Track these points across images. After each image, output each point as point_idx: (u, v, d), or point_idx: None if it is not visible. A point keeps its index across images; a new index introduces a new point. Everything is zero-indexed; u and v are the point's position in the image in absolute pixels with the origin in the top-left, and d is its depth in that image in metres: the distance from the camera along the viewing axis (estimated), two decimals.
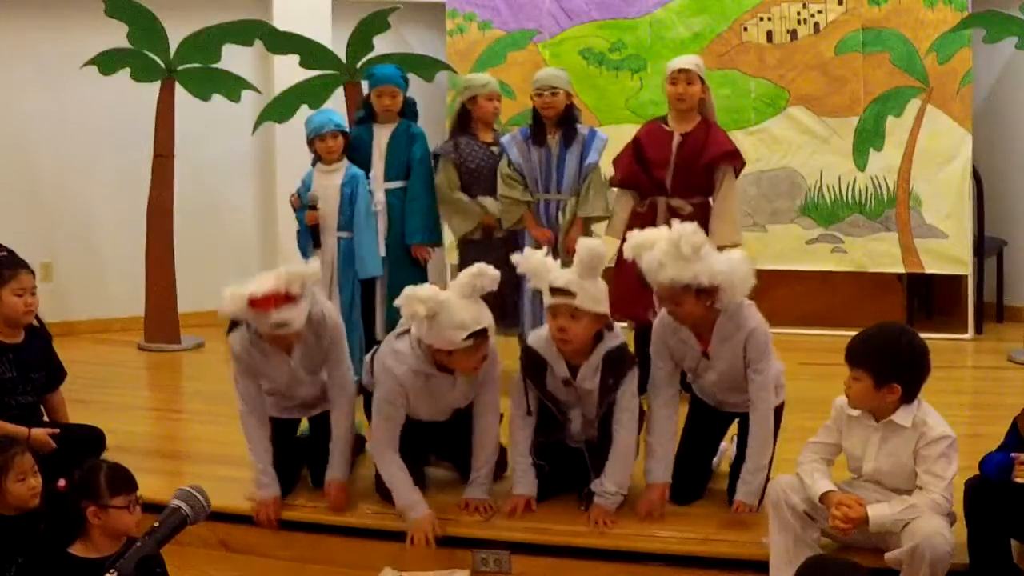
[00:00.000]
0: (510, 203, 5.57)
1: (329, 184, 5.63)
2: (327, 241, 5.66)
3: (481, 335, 3.79)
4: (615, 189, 5.56)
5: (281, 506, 4.13)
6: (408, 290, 3.74)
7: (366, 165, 5.73)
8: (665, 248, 3.70)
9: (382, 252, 5.70)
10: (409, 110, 5.84)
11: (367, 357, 4.29)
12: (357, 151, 5.74)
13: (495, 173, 5.62)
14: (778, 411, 4.01)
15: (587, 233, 5.49)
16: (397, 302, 3.76)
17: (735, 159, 5.36)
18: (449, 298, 3.76)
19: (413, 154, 5.73)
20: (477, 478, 4.11)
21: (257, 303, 3.72)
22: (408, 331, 3.94)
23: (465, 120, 5.76)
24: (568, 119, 5.54)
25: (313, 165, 5.72)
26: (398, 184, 5.74)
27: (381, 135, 5.78)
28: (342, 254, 5.66)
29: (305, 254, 5.71)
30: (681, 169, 5.29)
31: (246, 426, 4.13)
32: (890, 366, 3.37)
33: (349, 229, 5.64)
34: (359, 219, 5.62)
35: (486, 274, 3.79)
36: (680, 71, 5.27)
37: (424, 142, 5.80)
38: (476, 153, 5.70)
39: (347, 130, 5.71)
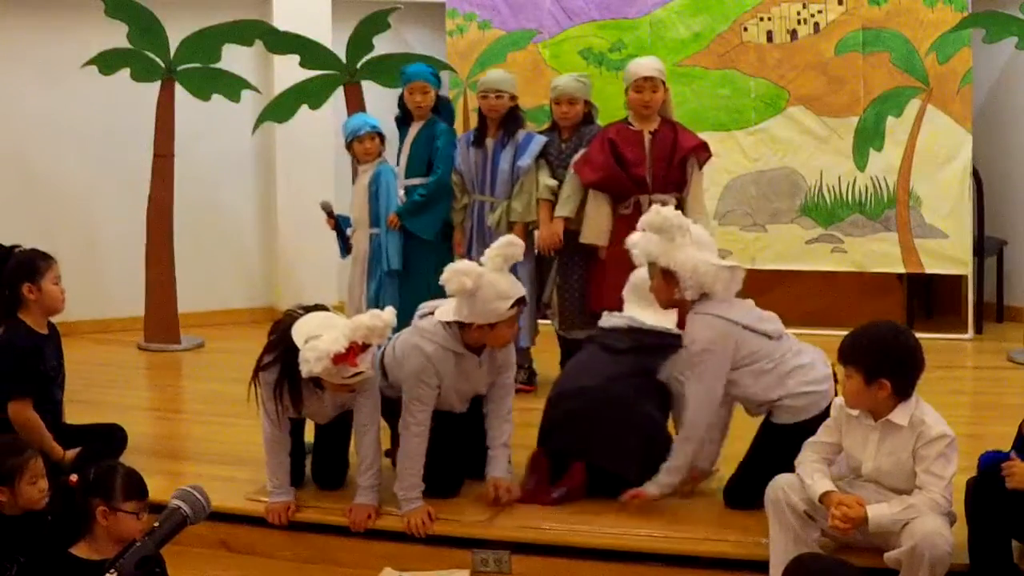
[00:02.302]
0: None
1: (360, 184, 5.77)
2: (360, 238, 5.77)
3: (521, 302, 3.93)
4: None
5: (294, 511, 4.12)
6: (450, 267, 3.83)
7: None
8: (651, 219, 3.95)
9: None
10: (444, 108, 5.91)
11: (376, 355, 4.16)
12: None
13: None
14: (799, 427, 3.86)
15: (526, 236, 5.48)
16: (442, 280, 3.83)
17: (706, 151, 5.51)
18: (487, 272, 3.86)
19: (434, 150, 5.77)
20: (496, 455, 4.15)
21: (341, 358, 3.71)
22: (430, 313, 4.04)
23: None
24: (512, 121, 5.66)
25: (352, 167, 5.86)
26: (419, 180, 5.79)
27: (411, 133, 5.86)
28: (372, 250, 5.75)
29: (342, 256, 5.97)
30: (658, 165, 5.39)
31: (270, 445, 4.10)
32: (878, 362, 3.37)
33: (379, 225, 5.72)
34: (381, 214, 5.70)
35: (516, 243, 3.93)
36: (645, 79, 5.33)
37: (447, 138, 5.82)
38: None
39: (383, 131, 5.79)
